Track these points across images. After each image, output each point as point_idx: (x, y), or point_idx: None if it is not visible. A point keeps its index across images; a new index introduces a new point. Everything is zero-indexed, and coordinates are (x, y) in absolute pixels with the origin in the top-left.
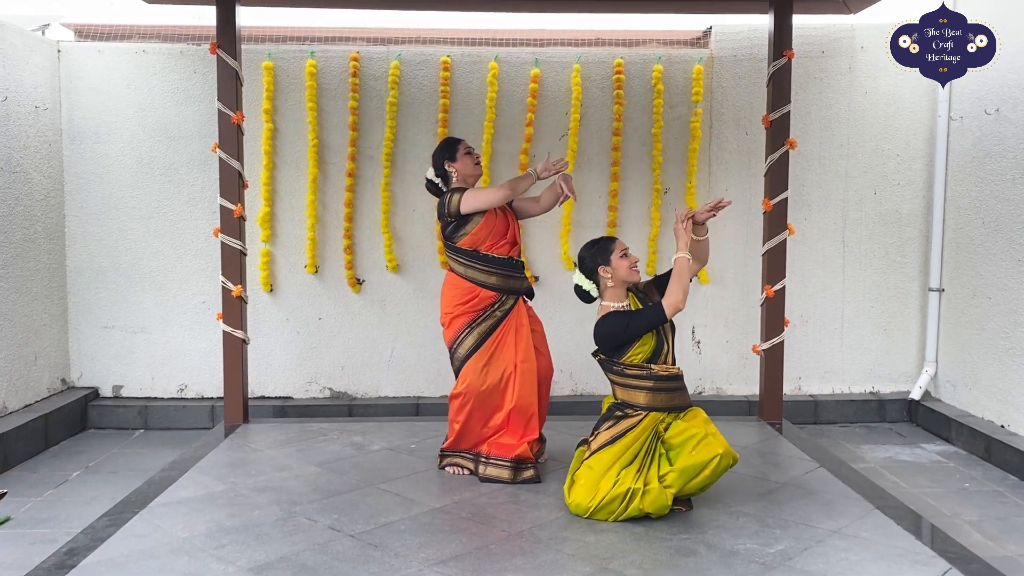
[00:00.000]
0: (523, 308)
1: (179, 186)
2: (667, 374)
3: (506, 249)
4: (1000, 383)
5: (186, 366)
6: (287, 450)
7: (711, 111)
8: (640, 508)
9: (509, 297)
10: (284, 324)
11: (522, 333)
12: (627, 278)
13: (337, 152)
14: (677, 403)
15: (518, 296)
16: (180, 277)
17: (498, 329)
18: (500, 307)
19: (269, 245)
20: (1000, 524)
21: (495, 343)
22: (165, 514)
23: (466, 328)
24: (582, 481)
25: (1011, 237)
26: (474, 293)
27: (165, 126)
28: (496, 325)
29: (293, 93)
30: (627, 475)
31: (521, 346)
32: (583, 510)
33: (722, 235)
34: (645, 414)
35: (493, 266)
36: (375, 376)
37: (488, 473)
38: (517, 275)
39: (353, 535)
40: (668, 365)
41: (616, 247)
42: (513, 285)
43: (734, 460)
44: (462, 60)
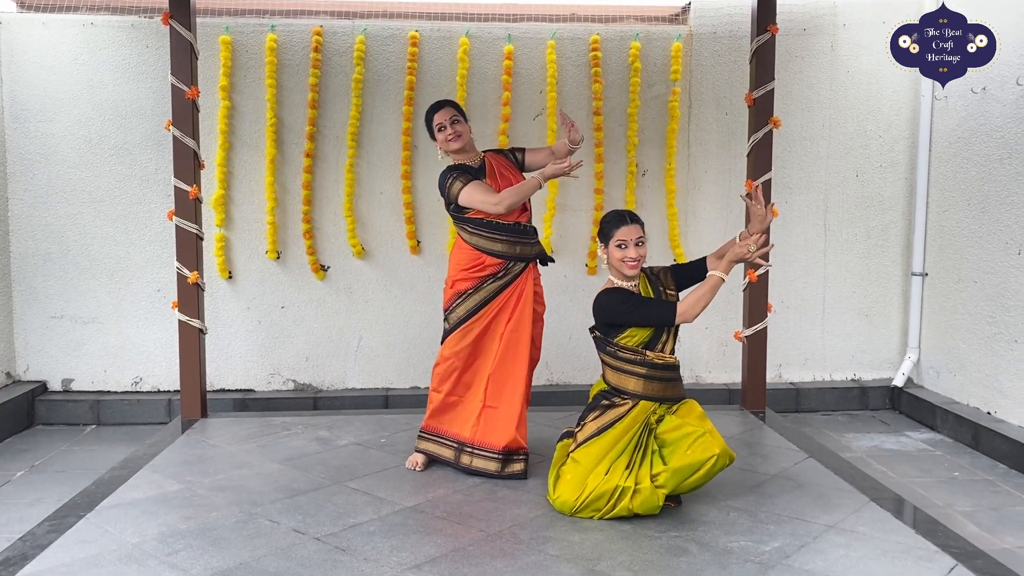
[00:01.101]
0: (531, 277)
1: (132, 167)
2: (662, 362)
3: (514, 216)
4: (986, 369)
5: (141, 358)
6: (248, 446)
7: (690, 90)
8: (629, 508)
9: (516, 263)
10: (244, 313)
11: (524, 302)
12: (618, 269)
13: (298, 132)
14: (670, 394)
15: (527, 263)
16: (134, 264)
17: (500, 296)
18: (506, 273)
19: (224, 230)
20: (995, 515)
21: (495, 310)
22: (114, 517)
23: (465, 293)
24: (568, 476)
25: (998, 219)
26: (479, 260)
27: (116, 103)
28: (498, 291)
29: (252, 69)
30: (616, 470)
31: (517, 314)
32: (568, 507)
33: (701, 218)
34: (634, 403)
35: (499, 232)
36: (341, 367)
37: (474, 465)
38: (525, 240)
39: (319, 538)
40: (664, 354)
41: (617, 234)
42: (520, 251)
43: (730, 460)
44: (431, 35)
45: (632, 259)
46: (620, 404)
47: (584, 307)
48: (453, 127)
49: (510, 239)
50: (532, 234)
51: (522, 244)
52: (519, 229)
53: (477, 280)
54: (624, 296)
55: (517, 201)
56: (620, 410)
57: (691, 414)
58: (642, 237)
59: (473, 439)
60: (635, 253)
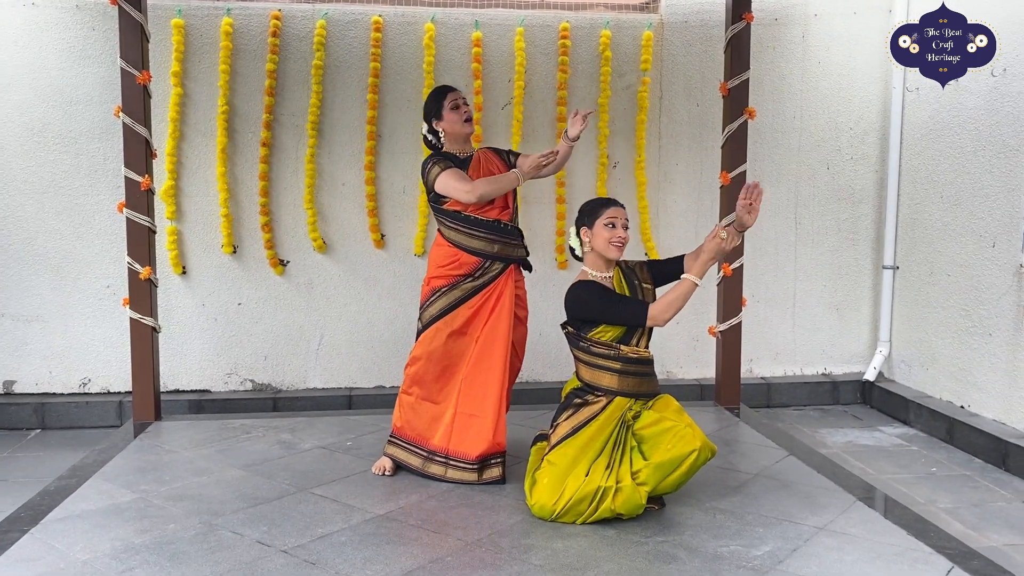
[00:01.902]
0: (510, 279)
1: (78, 157)
2: (637, 356)
3: (495, 213)
4: (960, 362)
5: (89, 358)
6: (206, 451)
7: (661, 80)
8: (612, 509)
9: (495, 263)
10: (199, 310)
11: (502, 305)
12: (603, 251)
13: (254, 120)
14: (645, 390)
15: (507, 264)
16: (81, 259)
17: (476, 296)
18: (483, 273)
19: (176, 223)
20: (977, 511)
21: (470, 311)
22: (61, 531)
23: (440, 291)
24: (545, 480)
25: (972, 211)
26: (456, 257)
27: (60, 89)
28: (474, 292)
29: (206, 55)
30: (596, 471)
31: (494, 317)
32: (548, 512)
33: (672, 211)
34: (608, 399)
35: (478, 229)
36: (302, 366)
37: (448, 476)
38: (506, 240)
39: (286, 550)
40: (639, 348)
41: (606, 213)
42: (499, 251)
43: (712, 453)
44: (395, 20)
45: (619, 238)
46: (594, 402)
47: (554, 302)
48: (467, 107)
49: (488, 237)
50: (514, 235)
51: (502, 244)
52: (499, 227)
53: (453, 279)
54: (598, 291)
55: (491, 192)
56: (594, 408)
57: (668, 408)
58: (627, 222)
59: (446, 448)
60: (623, 233)
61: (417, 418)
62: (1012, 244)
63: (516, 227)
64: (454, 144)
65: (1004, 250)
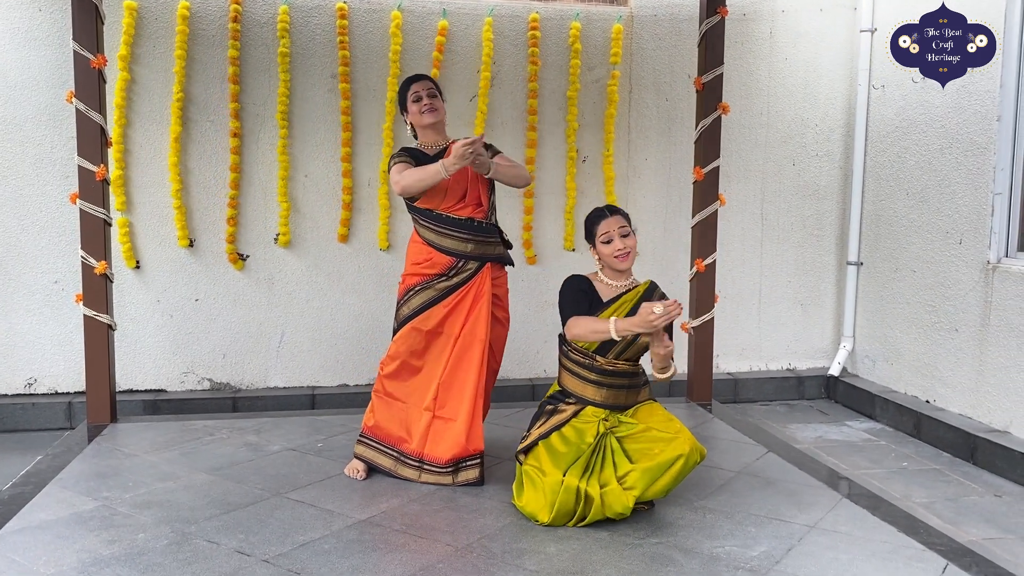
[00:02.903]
0: (487, 278)
1: (23, 145)
2: (613, 369)
3: (468, 211)
4: (925, 357)
5: (35, 356)
6: (169, 454)
7: (630, 74)
8: (601, 513)
9: (469, 262)
10: (154, 306)
11: (480, 305)
12: (613, 265)
13: (210, 109)
14: (621, 402)
15: (483, 263)
16: (26, 252)
17: (451, 295)
18: (457, 273)
19: (127, 214)
20: (952, 506)
21: (444, 311)
22: (21, 544)
23: (414, 289)
24: (528, 486)
25: (938, 208)
26: (429, 256)
27: (4, 72)
28: (450, 291)
29: (161, 40)
30: (572, 476)
31: (472, 318)
32: (535, 518)
33: (641, 206)
34: (579, 408)
35: (448, 227)
36: (262, 364)
37: (422, 479)
38: (479, 239)
39: (268, 560)
40: (618, 361)
41: (600, 229)
42: (473, 250)
43: (701, 456)
44: (360, 7)
45: (620, 249)
46: (563, 409)
47: (522, 297)
48: (430, 99)
49: (460, 235)
50: (490, 232)
51: (476, 242)
52: (471, 225)
53: (426, 277)
54: (573, 288)
55: (414, 184)
56: (562, 416)
57: (654, 415)
58: (626, 227)
59: (421, 452)
60: (621, 243)
61: (390, 419)
62: (979, 241)
63: (492, 224)
64: (427, 136)
65: (971, 247)
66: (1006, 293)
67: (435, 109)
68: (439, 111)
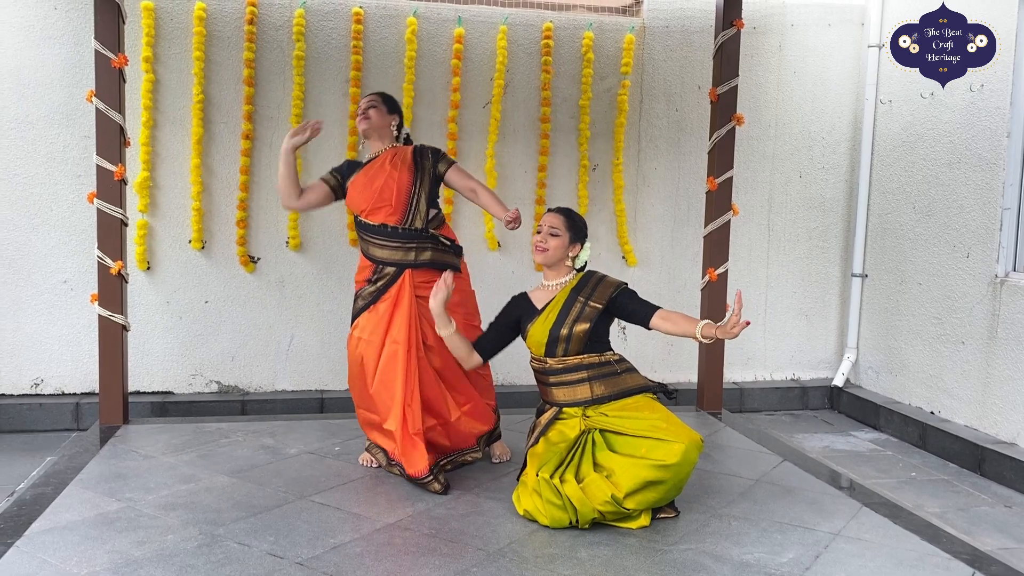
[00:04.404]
0: (407, 284)
1: (35, 143)
2: (563, 367)
3: (380, 216)
4: (930, 369)
5: (42, 357)
6: (186, 456)
7: (641, 84)
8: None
9: (386, 268)
10: (164, 307)
11: (399, 308)
12: (533, 256)
13: (226, 110)
14: (599, 394)
15: (401, 269)
16: (36, 252)
17: (376, 302)
18: (378, 279)
19: (147, 216)
20: (965, 515)
21: (369, 314)
22: (50, 544)
23: (357, 295)
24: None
25: (945, 222)
26: (362, 262)
27: (16, 71)
28: (375, 297)
29: (177, 41)
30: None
31: (394, 323)
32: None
33: (650, 215)
34: (556, 412)
35: (366, 233)
36: (271, 367)
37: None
38: (395, 244)
39: (301, 562)
40: (566, 358)
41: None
42: (388, 256)
43: (700, 448)
44: (376, 13)
45: (539, 242)
46: (539, 422)
47: None
48: (366, 111)
49: (375, 241)
50: (408, 238)
51: (390, 248)
52: (385, 231)
53: (360, 284)
54: (502, 310)
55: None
56: (541, 423)
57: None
58: (556, 228)
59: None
60: (541, 238)
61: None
62: (987, 255)
63: (412, 229)
64: (371, 144)
65: (979, 260)
66: (1014, 307)
67: (367, 118)
68: (372, 119)
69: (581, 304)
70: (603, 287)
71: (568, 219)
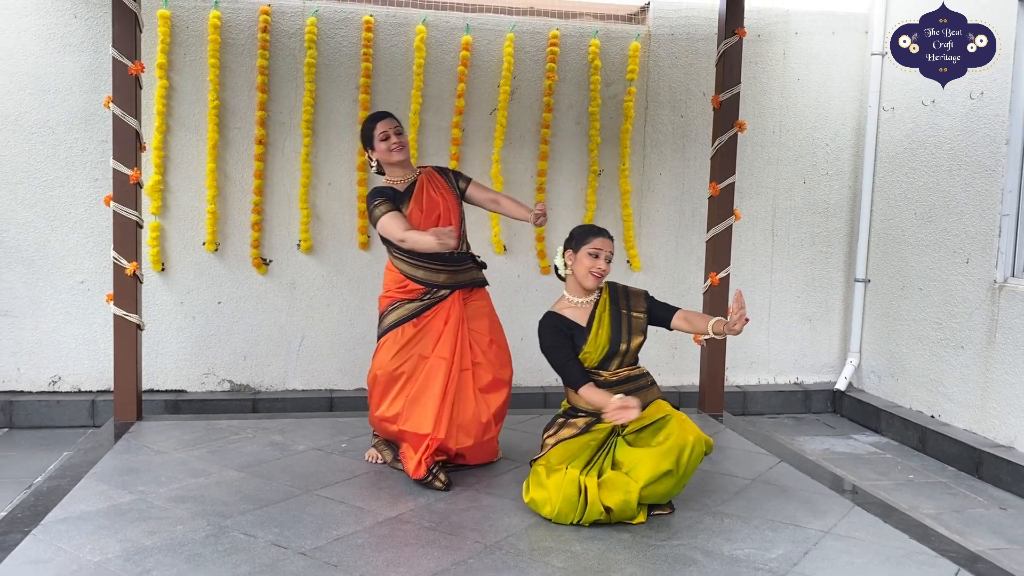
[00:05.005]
0: (458, 301)
1: (54, 147)
2: (616, 379)
3: None
4: (931, 373)
5: (60, 355)
6: (197, 452)
7: (647, 91)
8: (601, 503)
9: (442, 289)
10: (177, 308)
11: (450, 325)
12: (581, 278)
13: (240, 116)
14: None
15: (455, 289)
16: (54, 253)
17: (425, 314)
18: (431, 298)
19: (160, 218)
20: (959, 517)
21: (416, 329)
22: (65, 532)
23: (392, 306)
24: (533, 480)
25: (945, 228)
26: (403, 283)
27: (38, 76)
28: (423, 309)
29: (193, 48)
30: (574, 468)
31: (444, 339)
32: (542, 511)
33: (655, 220)
34: (592, 420)
35: (423, 260)
36: (282, 367)
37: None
38: (451, 269)
39: (304, 552)
40: (620, 370)
41: (594, 243)
42: (445, 280)
43: (708, 447)
44: (386, 21)
45: (599, 270)
46: (574, 424)
47: (535, 306)
48: (398, 137)
49: (433, 266)
50: (462, 260)
51: (448, 272)
52: (443, 257)
53: (402, 297)
54: (552, 336)
55: (419, 246)
56: (574, 429)
57: (659, 411)
58: (611, 254)
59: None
60: (604, 266)
61: (380, 424)
62: (986, 261)
63: (464, 253)
64: (394, 171)
65: (978, 266)
66: (1012, 312)
67: (403, 146)
68: (406, 148)
69: (626, 317)
70: (635, 297)
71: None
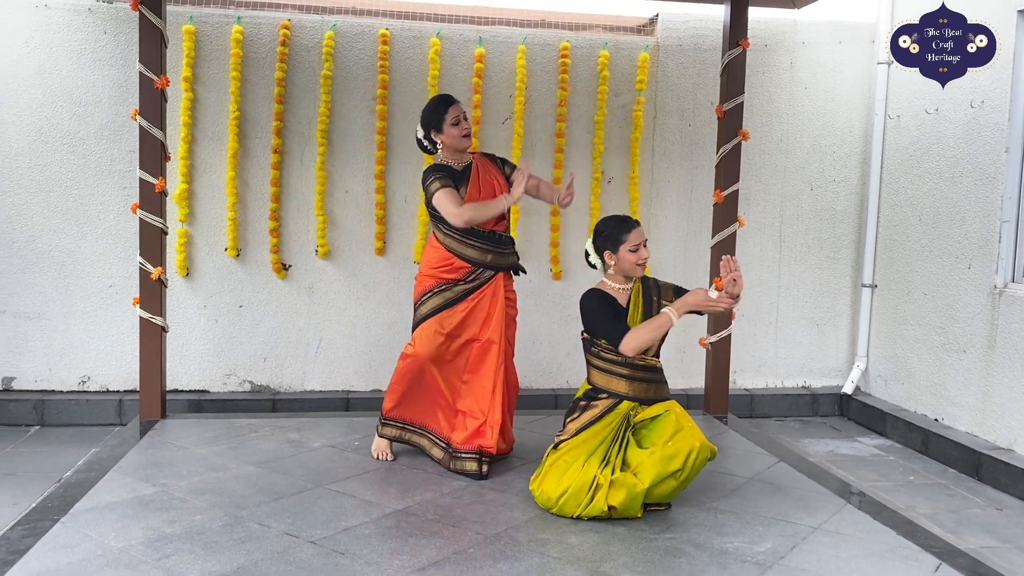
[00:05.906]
0: (500, 284)
1: (85, 157)
2: (643, 364)
3: (491, 224)
4: (935, 378)
5: (89, 356)
6: (217, 448)
7: (655, 100)
8: (607, 502)
9: (486, 271)
10: (201, 311)
11: (496, 307)
12: (630, 273)
13: (262, 126)
14: (652, 395)
15: (497, 272)
16: (84, 258)
17: (469, 297)
18: (475, 279)
19: (187, 225)
20: (954, 517)
21: (462, 313)
22: (92, 521)
23: (432, 291)
24: (551, 472)
25: (949, 234)
26: (449, 261)
27: (69, 90)
28: (468, 293)
29: (216, 61)
30: (592, 463)
31: (492, 320)
32: (551, 502)
33: (663, 226)
34: (614, 402)
35: (472, 238)
36: (300, 368)
37: (456, 467)
38: (499, 250)
39: (314, 541)
40: (647, 356)
41: (629, 239)
42: (492, 260)
43: (712, 454)
44: (401, 34)
45: (643, 259)
46: (594, 405)
47: (547, 312)
48: (467, 122)
49: (483, 246)
50: (507, 244)
51: (494, 253)
52: (494, 238)
53: (445, 280)
54: (599, 304)
55: (477, 217)
56: (596, 411)
57: (670, 414)
58: (646, 239)
59: (449, 437)
60: (647, 253)
61: (411, 405)
62: (987, 266)
63: (509, 236)
64: (452, 155)
65: (979, 272)
66: (1012, 317)
67: (470, 133)
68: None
69: (656, 304)
70: (664, 288)
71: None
